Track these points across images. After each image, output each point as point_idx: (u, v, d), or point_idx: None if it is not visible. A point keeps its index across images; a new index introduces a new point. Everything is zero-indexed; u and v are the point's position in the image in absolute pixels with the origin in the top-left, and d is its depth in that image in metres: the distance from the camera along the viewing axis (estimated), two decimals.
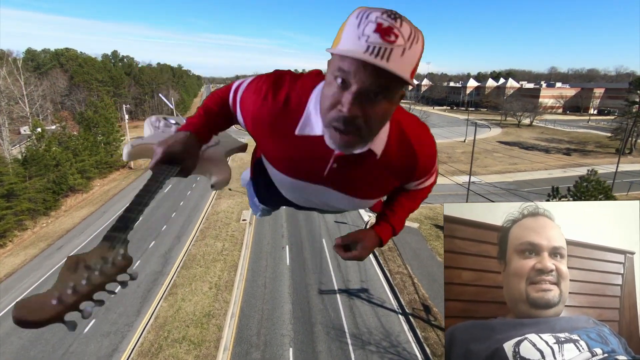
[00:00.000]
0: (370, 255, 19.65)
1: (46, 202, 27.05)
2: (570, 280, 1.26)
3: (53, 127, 37.28)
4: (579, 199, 17.99)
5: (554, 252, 1.24)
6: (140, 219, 0.82)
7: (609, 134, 51.68)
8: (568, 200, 19.01)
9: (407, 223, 4.54)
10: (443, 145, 53.60)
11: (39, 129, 30.27)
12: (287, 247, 20.85)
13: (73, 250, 21.22)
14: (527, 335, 1.15)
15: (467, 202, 27.62)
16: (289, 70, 1.05)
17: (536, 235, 1.23)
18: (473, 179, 36.43)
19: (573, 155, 48.50)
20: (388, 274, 17.38)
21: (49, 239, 23.21)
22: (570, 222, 1.29)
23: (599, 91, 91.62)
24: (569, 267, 1.26)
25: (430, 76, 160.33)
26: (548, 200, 19.98)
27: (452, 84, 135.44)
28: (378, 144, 0.95)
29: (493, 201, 25.54)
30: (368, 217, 24.89)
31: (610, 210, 1.32)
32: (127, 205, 0.82)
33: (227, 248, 20.74)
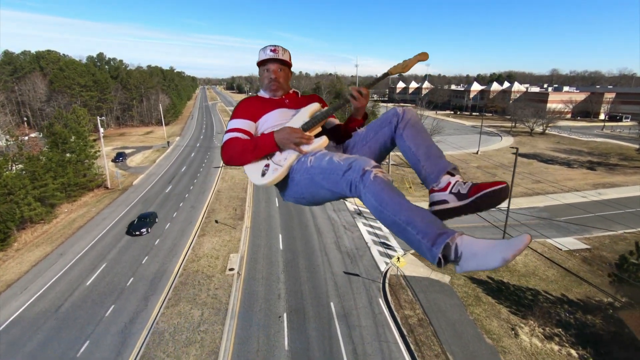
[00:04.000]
0: (398, 337, 14.88)
1: None
2: None
3: (6, 140, 31.89)
4: None
5: None
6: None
7: (638, 146, 47.28)
8: None
9: (436, 276, 17.04)
10: (454, 158, 48.96)
11: None
12: (285, 316, 16.05)
13: (7, 319, 16.28)
14: None
15: (503, 237, 22.88)
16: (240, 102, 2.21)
17: None
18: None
19: (598, 170, 44.11)
20: None
21: None
22: None
23: (609, 96, 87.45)
24: None
25: (429, 78, 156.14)
26: (631, 256, 15.39)
27: (453, 87, 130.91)
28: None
29: (547, 236, 20.14)
30: (385, 263, 20.17)
31: None
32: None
33: (207, 319, 15.88)
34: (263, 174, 1.91)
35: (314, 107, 2.05)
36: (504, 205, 30.56)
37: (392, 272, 19.10)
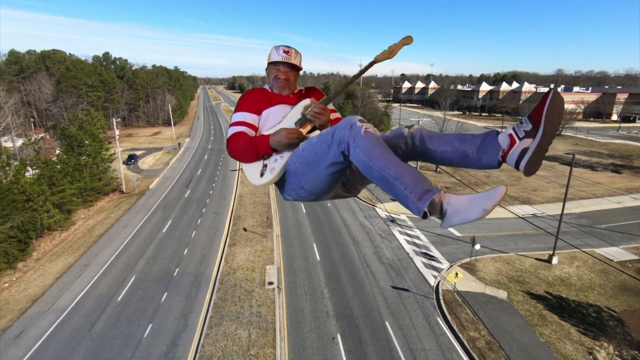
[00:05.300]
0: None
1: (9, 256, 20.82)
2: None
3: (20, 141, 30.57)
4: None
5: None
6: None
7: None
8: None
9: (492, 291, 15.42)
10: None
11: (4, 156, 23.95)
12: (339, 337, 14.88)
13: (37, 341, 15.06)
14: None
15: (554, 248, 21.62)
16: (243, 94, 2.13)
17: None
18: (532, 209, 30.79)
19: (624, 173, 43.12)
20: None
21: (2, 320, 16.87)
22: None
23: (621, 96, 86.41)
24: None
25: (432, 78, 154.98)
26: None
27: (459, 87, 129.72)
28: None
29: (592, 245, 18.97)
30: (432, 277, 19.02)
31: None
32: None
33: (256, 341, 14.69)
34: (262, 174, 1.92)
35: (306, 102, 2.00)
36: (533, 209, 29.43)
37: (443, 287, 17.95)
